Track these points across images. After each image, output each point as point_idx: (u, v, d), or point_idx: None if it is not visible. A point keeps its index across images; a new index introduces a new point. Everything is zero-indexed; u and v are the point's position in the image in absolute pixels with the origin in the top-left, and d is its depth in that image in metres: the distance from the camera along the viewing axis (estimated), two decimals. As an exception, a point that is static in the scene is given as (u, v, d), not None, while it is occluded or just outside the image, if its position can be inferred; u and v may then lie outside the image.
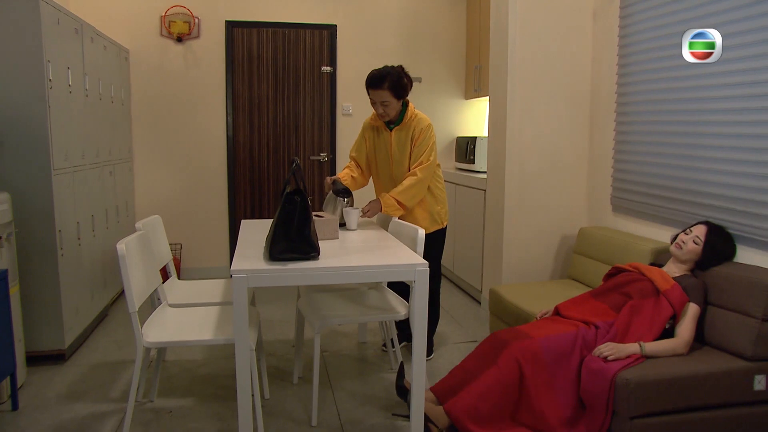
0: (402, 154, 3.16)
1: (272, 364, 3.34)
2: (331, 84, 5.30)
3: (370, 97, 3.08)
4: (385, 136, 3.18)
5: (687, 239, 2.70)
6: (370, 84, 3.08)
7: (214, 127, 5.15)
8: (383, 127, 3.17)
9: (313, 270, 2.25)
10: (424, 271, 2.27)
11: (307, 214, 2.31)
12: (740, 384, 2.40)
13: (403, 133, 3.16)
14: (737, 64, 2.69)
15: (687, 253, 2.69)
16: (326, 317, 2.68)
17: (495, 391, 2.40)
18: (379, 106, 3.07)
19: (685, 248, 2.69)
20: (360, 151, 3.30)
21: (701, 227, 2.72)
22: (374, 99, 3.07)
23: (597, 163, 3.85)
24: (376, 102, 3.07)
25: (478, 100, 5.32)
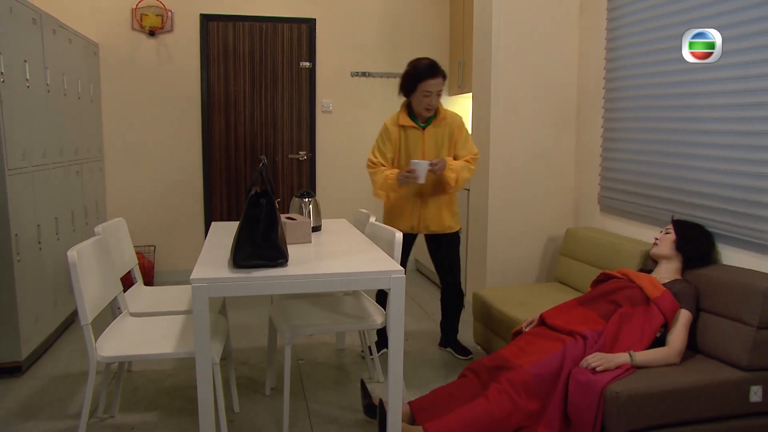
0: (438, 152, 2.95)
1: (244, 374, 3.17)
2: (310, 80, 5.13)
3: (424, 89, 2.83)
4: (416, 135, 2.95)
5: (660, 235, 2.69)
6: (430, 72, 2.85)
7: (188, 124, 4.96)
8: (413, 125, 2.93)
9: (280, 278, 2.09)
10: (399, 278, 2.12)
11: (273, 218, 2.15)
12: (736, 395, 2.28)
13: (438, 130, 2.96)
14: (730, 57, 2.56)
15: (663, 246, 2.62)
16: (297, 327, 2.52)
17: (482, 423, 2.26)
18: (434, 97, 2.84)
19: (660, 243, 2.65)
20: (384, 153, 3.01)
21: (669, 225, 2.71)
22: (431, 89, 2.83)
23: (584, 161, 3.72)
24: (431, 93, 2.84)
25: (461, 97, 5.18)
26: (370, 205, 5.27)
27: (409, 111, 2.94)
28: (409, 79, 2.85)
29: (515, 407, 2.29)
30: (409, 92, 2.87)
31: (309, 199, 2.96)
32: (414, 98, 2.87)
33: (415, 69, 2.84)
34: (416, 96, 2.83)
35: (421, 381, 3.06)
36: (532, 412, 2.30)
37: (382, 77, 5.22)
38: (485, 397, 2.34)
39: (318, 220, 2.97)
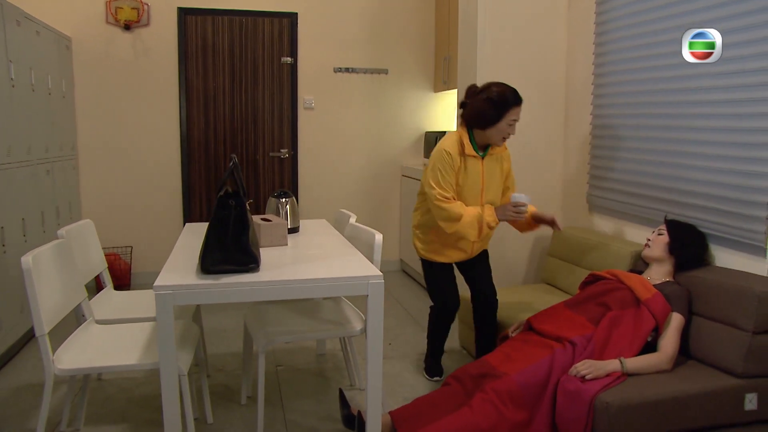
0: (492, 182, 2.76)
1: (220, 381, 3.03)
2: (291, 76, 4.99)
3: (511, 117, 2.60)
4: (475, 165, 2.71)
5: (652, 236, 2.58)
6: (517, 99, 2.61)
7: (166, 121, 4.80)
8: (474, 155, 2.70)
9: (251, 284, 1.96)
10: (377, 284, 2.00)
11: (244, 220, 2.02)
12: (730, 404, 2.20)
13: (493, 159, 2.77)
14: (724, 52, 2.46)
15: (656, 247, 2.53)
16: (271, 334, 2.39)
17: None
18: (515, 127, 2.66)
19: (653, 244, 2.55)
20: (452, 185, 2.68)
21: (662, 225, 2.60)
22: (516, 118, 2.63)
23: (572, 159, 3.62)
24: (515, 121, 2.64)
25: (447, 93, 5.06)
26: (354, 204, 5.17)
27: (470, 138, 2.70)
28: (495, 107, 2.57)
29: (501, 418, 2.18)
30: (492, 122, 2.59)
31: (286, 199, 2.83)
32: (494, 128, 2.61)
33: (502, 96, 2.58)
34: (500, 125, 2.60)
35: (404, 389, 2.94)
36: (519, 422, 2.19)
37: (365, 73, 5.09)
38: (469, 407, 2.24)
39: (295, 221, 2.84)
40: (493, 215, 2.68)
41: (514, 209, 2.65)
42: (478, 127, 2.65)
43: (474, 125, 2.67)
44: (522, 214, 2.67)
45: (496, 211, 2.69)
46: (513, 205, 2.65)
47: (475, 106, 2.63)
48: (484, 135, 2.66)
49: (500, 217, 2.69)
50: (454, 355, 3.34)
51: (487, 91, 2.60)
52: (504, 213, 2.69)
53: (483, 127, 2.63)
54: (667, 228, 2.54)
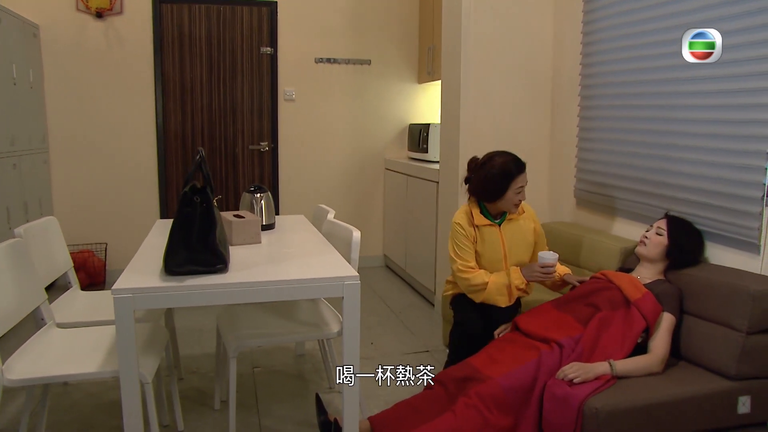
0: (514, 247, 2.66)
1: (193, 384, 2.91)
2: (271, 66, 4.84)
3: (517, 186, 2.55)
4: (492, 233, 2.63)
5: (650, 234, 2.44)
6: (520, 168, 2.56)
7: (141, 113, 4.64)
8: (489, 223, 2.63)
9: (218, 286, 1.83)
10: (353, 285, 1.88)
11: (210, 218, 1.89)
12: (723, 407, 2.11)
13: (515, 225, 2.68)
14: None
15: (653, 247, 2.41)
16: (243, 337, 2.27)
17: None
18: (524, 192, 2.60)
19: (649, 243, 2.41)
20: (468, 251, 2.61)
21: (662, 220, 2.46)
22: (522, 184, 2.57)
23: (559, 152, 3.51)
24: (522, 188, 2.58)
25: (431, 84, 4.94)
26: (336, 198, 5.05)
27: (481, 209, 2.65)
28: (499, 181, 2.53)
29: (485, 423, 2.08)
30: (499, 195, 2.56)
31: (261, 194, 2.70)
32: (502, 200, 2.58)
33: (504, 168, 2.53)
34: (507, 196, 2.56)
35: (385, 391, 2.82)
36: (504, 428, 2.09)
37: (348, 64, 4.96)
38: (453, 412, 2.13)
39: (270, 217, 2.72)
40: (520, 277, 2.58)
41: (541, 270, 2.54)
42: (486, 200, 2.61)
43: (482, 199, 2.63)
44: (550, 275, 2.56)
45: (522, 272, 2.59)
46: (541, 266, 2.54)
47: (479, 182, 2.59)
48: (495, 206, 2.62)
49: (528, 278, 2.58)
50: (438, 355, 3.23)
51: (488, 165, 2.56)
52: (531, 273, 2.57)
53: (491, 200, 2.59)
54: (667, 229, 2.41)
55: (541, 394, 2.12)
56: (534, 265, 2.56)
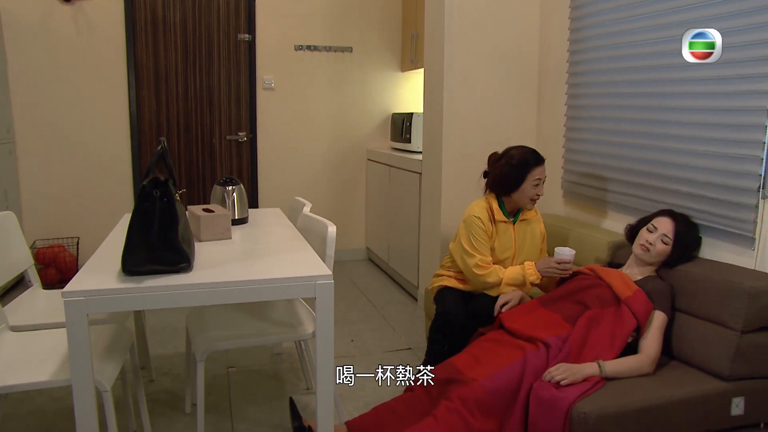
0: (524, 247, 2.63)
1: (164, 386, 2.77)
2: (249, 54, 4.67)
3: (535, 177, 2.51)
4: (506, 230, 2.61)
5: (654, 239, 2.27)
6: (538, 159, 2.53)
7: (114, 102, 4.45)
8: (505, 220, 2.60)
9: (180, 287, 1.69)
10: (326, 285, 1.75)
11: (171, 213, 1.75)
12: (716, 409, 2.02)
13: (527, 226, 2.66)
14: (708, 24, 2.25)
15: (656, 256, 2.28)
16: (212, 339, 2.13)
17: None
18: (542, 186, 2.55)
19: (653, 250, 2.27)
20: (486, 247, 2.57)
21: (666, 222, 2.29)
22: (541, 177, 2.53)
23: (546, 143, 3.40)
24: (540, 181, 2.53)
25: (414, 72, 4.80)
26: (317, 189, 4.91)
27: (499, 204, 2.60)
28: (516, 171, 2.50)
29: (467, 428, 1.98)
30: (515, 186, 2.52)
31: (233, 186, 2.56)
32: (519, 191, 2.53)
33: (522, 159, 2.51)
34: (524, 187, 2.52)
35: (365, 392, 2.71)
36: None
37: (328, 51, 4.80)
38: (434, 416, 2.03)
39: (243, 211, 2.58)
40: (534, 272, 2.51)
41: (558, 266, 2.46)
42: (503, 192, 2.58)
43: (499, 191, 2.59)
44: (567, 271, 2.47)
45: (537, 266, 2.52)
46: (557, 262, 2.46)
47: (496, 173, 2.57)
48: (512, 200, 2.58)
49: (542, 273, 2.51)
50: (420, 353, 3.12)
51: (506, 156, 2.56)
52: (545, 268, 2.49)
53: (508, 192, 2.56)
54: (674, 240, 2.26)
55: (527, 396, 2.02)
56: (549, 259, 2.50)
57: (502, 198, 2.61)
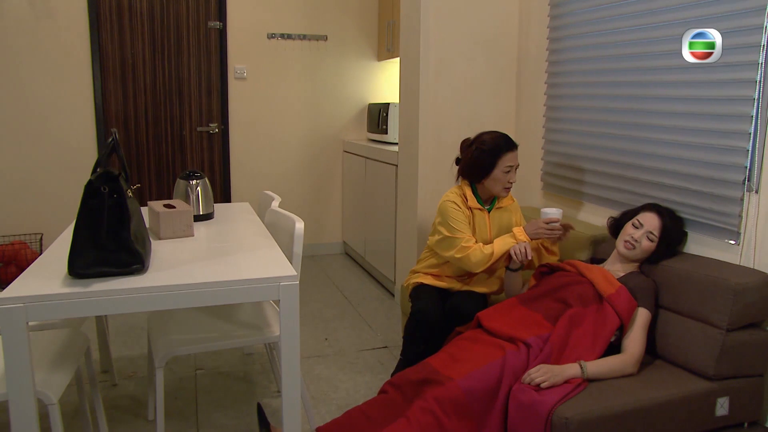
0: (500, 235, 2.52)
1: (128, 391, 2.63)
2: (220, 43, 4.51)
3: (506, 164, 2.42)
4: (481, 218, 2.52)
5: (639, 236, 2.19)
6: (510, 145, 2.44)
7: (78, 93, 4.26)
8: (480, 207, 2.52)
9: (130, 291, 1.56)
10: (291, 286, 1.63)
11: (122, 210, 1.61)
12: (701, 410, 1.95)
13: (502, 214, 2.57)
14: (693, 10, 2.17)
15: (641, 253, 2.20)
16: (173, 344, 2.00)
17: None
18: (514, 173, 2.46)
19: (638, 248, 2.18)
20: (467, 228, 2.48)
21: (652, 218, 2.21)
22: (512, 163, 2.44)
23: (525, 134, 3.30)
24: (512, 168, 2.44)
25: (391, 61, 4.68)
26: (292, 182, 4.77)
27: (473, 191, 2.52)
28: (487, 156, 2.41)
29: (441, 430, 1.87)
30: (487, 172, 2.43)
31: (197, 180, 2.42)
32: (490, 178, 2.44)
33: (492, 143, 2.42)
34: (495, 174, 2.43)
35: (339, 394, 2.61)
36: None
37: (303, 39, 4.65)
38: (406, 418, 1.92)
39: (208, 206, 2.44)
40: (523, 233, 2.41)
41: (546, 227, 2.37)
42: (475, 179, 2.50)
43: (471, 178, 2.51)
44: (556, 231, 2.37)
45: (526, 229, 2.43)
46: (545, 222, 2.37)
47: (468, 159, 2.49)
48: (484, 187, 2.49)
49: (532, 236, 2.41)
50: (397, 351, 3.02)
51: (478, 141, 2.48)
52: (535, 231, 2.40)
53: (480, 179, 2.48)
54: (660, 237, 2.18)
55: (506, 399, 1.92)
56: (537, 221, 2.41)
57: (475, 185, 2.52)
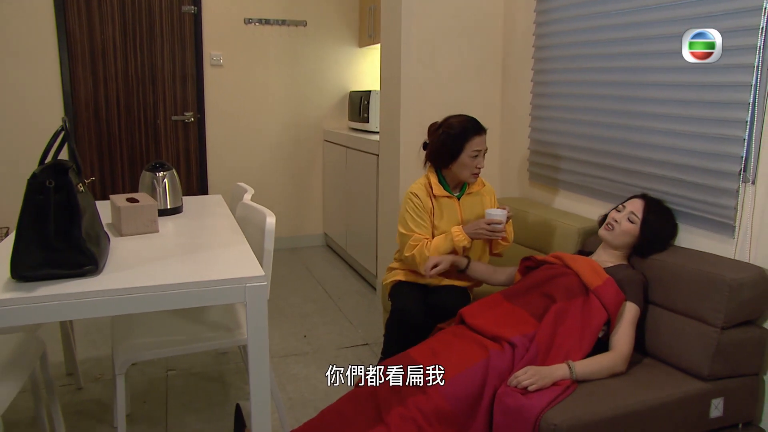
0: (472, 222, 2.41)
1: (93, 395, 2.50)
2: (195, 28, 4.34)
3: (473, 148, 2.30)
4: (450, 206, 2.41)
5: (620, 217, 2.11)
6: (477, 128, 2.33)
7: (44, 79, 4.08)
8: (447, 195, 2.40)
9: (81, 296, 1.42)
10: (258, 287, 1.50)
11: (72, 206, 1.47)
12: (695, 412, 1.86)
13: (475, 199, 2.45)
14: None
15: (621, 235, 2.09)
16: (134, 348, 1.87)
17: None
18: (482, 158, 2.34)
19: (618, 229, 2.09)
20: (423, 225, 2.38)
21: (637, 202, 2.13)
22: (480, 148, 2.32)
23: (511, 122, 3.20)
24: (480, 153, 2.33)
25: (373, 48, 4.54)
26: (271, 173, 4.63)
27: (439, 179, 2.40)
28: (454, 140, 2.30)
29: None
30: (453, 157, 2.32)
31: (164, 172, 2.28)
32: (457, 163, 2.33)
33: (459, 127, 2.32)
34: (462, 159, 2.32)
35: (317, 394, 2.50)
36: None
37: (281, 25, 4.50)
38: (386, 426, 1.80)
39: (177, 199, 2.31)
40: (462, 236, 2.31)
41: (487, 227, 2.27)
42: (442, 165, 2.39)
43: (438, 164, 2.40)
44: (498, 233, 2.29)
45: (465, 229, 2.32)
46: (486, 222, 2.27)
47: (434, 143, 2.38)
48: (452, 173, 2.38)
49: (472, 236, 2.32)
50: (377, 349, 2.90)
51: (445, 125, 2.37)
52: (475, 230, 2.31)
53: (446, 164, 2.36)
54: (642, 218, 2.10)
55: (491, 403, 1.82)
56: (479, 221, 2.31)
57: (441, 172, 2.41)
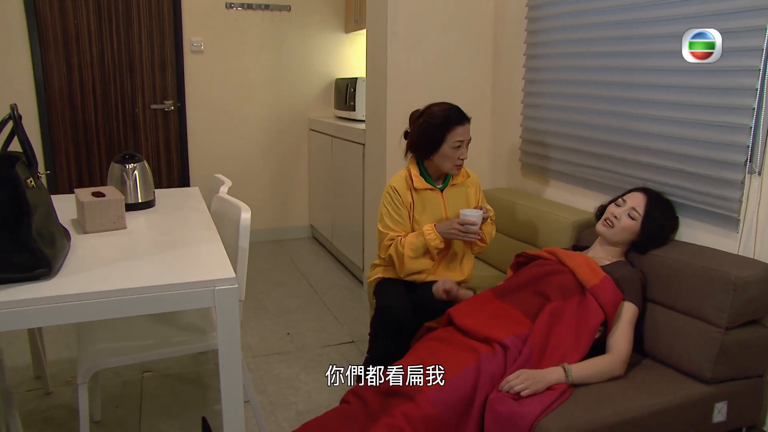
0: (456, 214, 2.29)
1: (62, 401, 2.37)
2: (174, 13, 4.16)
3: (455, 139, 2.18)
4: (433, 198, 2.28)
5: (620, 213, 2.00)
6: (460, 118, 2.21)
7: (13, 66, 3.89)
8: (429, 187, 2.28)
9: (28, 303, 1.28)
10: (228, 291, 1.38)
11: (20, 203, 1.34)
12: (697, 417, 1.78)
13: (459, 190, 2.33)
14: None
15: (621, 232, 1.99)
16: (99, 355, 1.73)
17: None
18: (465, 149, 2.22)
19: (617, 225, 1.99)
20: (402, 223, 2.27)
21: (638, 196, 2.03)
22: (463, 138, 2.21)
23: (502, 109, 3.08)
24: (462, 143, 2.21)
25: (359, 34, 4.40)
26: (255, 163, 4.49)
27: (420, 170, 2.28)
28: (435, 130, 2.18)
29: None
30: (434, 148, 2.20)
31: (134, 164, 2.14)
32: (438, 154, 2.21)
33: (441, 116, 2.20)
34: (443, 150, 2.20)
35: (300, 396, 2.38)
36: None
37: (264, 10, 4.33)
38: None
39: (148, 193, 2.17)
40: (435, 235, 2.19)
41: (460, 228, 2.15)
42: (423, 155, 2.27)
43: (419, 154, 2.29)
44: (471, 234, 2.17)
45: (437, 228, 2.20)
46: (459, 223, 2.16)
47: (416, 132, 2.26)
48: (434, 164, 2.25)
49: (444, 236, 2.19)
50: (363, 347, 2.79)
51: (426, 114, 2.25)
52: (447, 230, 2.18)
53: (428, 155, 2.24)
54: (644, 214, 1.99)
55: (482, 409, 1.71)
56: (453, 220, 2.20)
57: (423, 163, 2.30)
